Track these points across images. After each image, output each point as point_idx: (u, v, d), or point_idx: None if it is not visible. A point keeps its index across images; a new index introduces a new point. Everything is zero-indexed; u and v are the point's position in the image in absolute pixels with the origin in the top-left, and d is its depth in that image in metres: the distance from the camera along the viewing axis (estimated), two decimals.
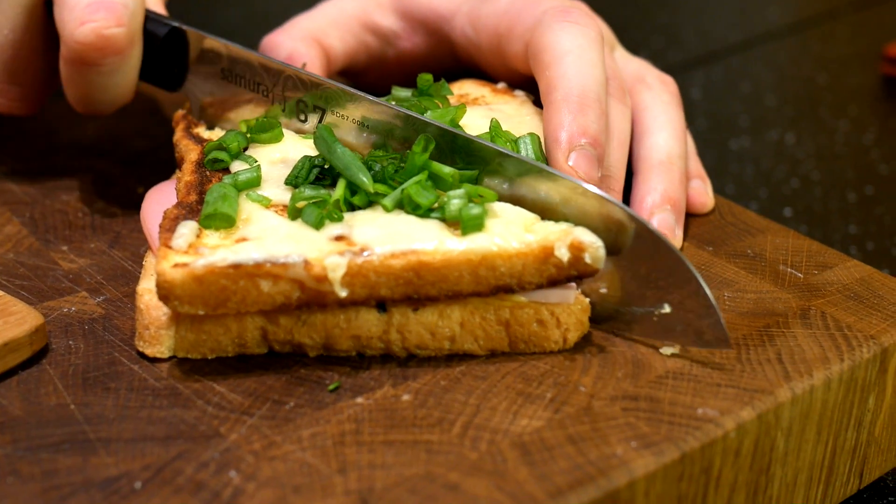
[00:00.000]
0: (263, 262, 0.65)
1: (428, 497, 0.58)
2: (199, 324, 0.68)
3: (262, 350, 0.69)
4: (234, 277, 0.65)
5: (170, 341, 0.68)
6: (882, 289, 0.77)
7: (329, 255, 0.66)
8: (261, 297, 0.66)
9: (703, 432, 0.63)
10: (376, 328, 0.68)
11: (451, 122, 0.77)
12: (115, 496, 0.58)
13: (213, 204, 0.69)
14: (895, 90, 1.53)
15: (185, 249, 0.66)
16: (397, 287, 0.67)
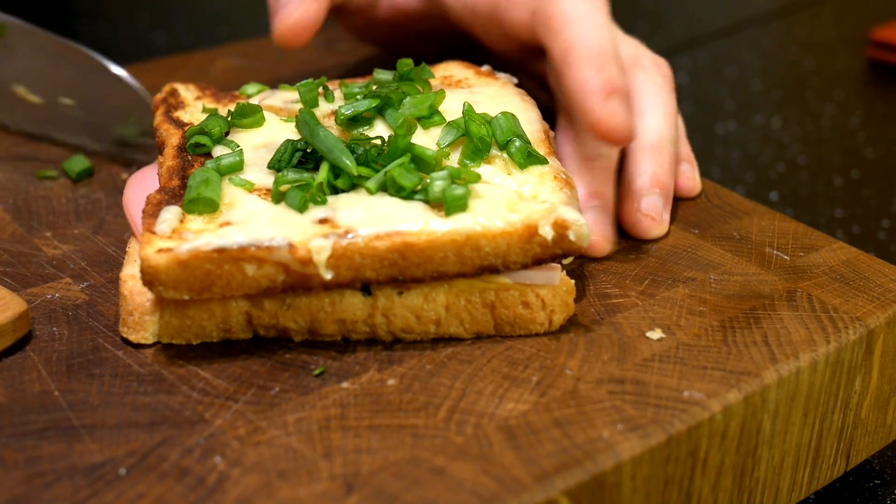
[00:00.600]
0: (248, 246, 0.65)
1: (413, 481, 0.58)
2: (183, 309, 0.67)
3: (247, 335, 0.69)
4: (218, 262, 0.64)
5: (154, 327, 0.68)
6: (868, 270, 0.77)
7: (314, 237, 0.66)
8: (246, 281, 0.65)
9: (689, 415, 0.63)
10: (361, 312, 0.68)
11: (430, 108, 0.77)
12: (100, 482, 0.58)
13: (196, 188, 0.69)
14: (881, 74, 1.53)
15: (168, 234, 0.66)
16: (382, 269, 0.66)
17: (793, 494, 0.73)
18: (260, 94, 0.83)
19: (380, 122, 0.77)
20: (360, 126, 0.77)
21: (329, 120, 0.78)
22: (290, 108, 0.80)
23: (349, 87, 0.80)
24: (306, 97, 0.79)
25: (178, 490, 0.57)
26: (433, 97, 0.77)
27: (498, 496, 0.57)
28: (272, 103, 0.81)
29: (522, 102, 0.81)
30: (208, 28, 1.68)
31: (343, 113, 0.76)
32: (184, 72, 1.08)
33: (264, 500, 0.57)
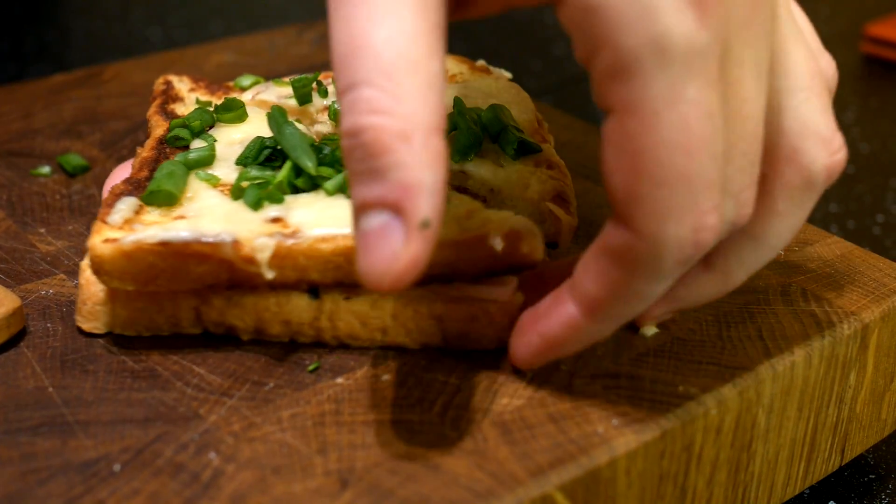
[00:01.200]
0: (192, 241, 0.64)
1: (408, 477, 0.58)
2: (133, 301, 0.67)
3: (196, 330, 0.68)
4: (162, 255, 0.64)
5: (106, 317, 0.68)
6: (862, 265, 0.77)
7: (258, 236, 0.65)
8: (190, 276, 0.65)
9: (684, 410, 0.63)
10: (307, 314, 0.67)
11: None
12: (94, 479, 0.58)
13: (158, 181, 0.69)
14: (876, 69, 1.53)
15: (120, 225, 0.66)
16: (327, 272, 0.66)
17: (788, 489, 0.73)
18: (254, 88, 0.83)
19: None
20: None
21: (322, 115, 0.78)
22: (284, 102, 0.80)
23: None
24: (300, 92, 0.79)
25: (172, 486, 0.57)
26: None
27: (493, 491, 0.57)
28: (266, 98, 0.81)
29: (516, 96, 0.81)
30: (202, 23, 1.67)
31: (336, 108, 0.76)
32: (178, 67, 1.07)
33: (259, 495, 0.57)
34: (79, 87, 1.02)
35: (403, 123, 0.52)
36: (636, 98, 0.53)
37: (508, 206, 0.73)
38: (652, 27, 0.52)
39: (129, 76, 1.05)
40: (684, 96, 0.53)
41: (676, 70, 0.52)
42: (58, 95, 1.00)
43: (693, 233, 0.55)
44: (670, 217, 0.54)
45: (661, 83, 0.52)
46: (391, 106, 0.52)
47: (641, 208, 0.54)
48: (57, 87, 1.02)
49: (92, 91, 1.02)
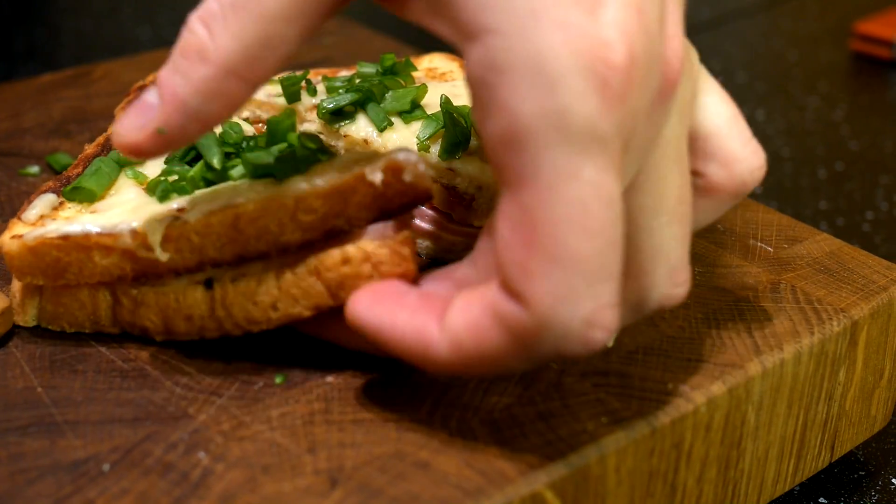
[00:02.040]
0: (92, 233, 0.65)
1: (398, 475, 0.58)
2: (56, 296, 0.68)
3: (115, 329, 0.69)
4: (65, 248, 0.65)
5: (34, 311, 0.69)
6: (852, 262, 0.77)
7: (150, 220, 0.65)
8: (97, 269, 0.66)
9: (673, 407, 0.63)
10: (204, 306, 0.66)
11: (412, 102, 0.77)
12: (83, 479, 0.58)
13: (82, 178, 0.70)
14: (865, 67, 1.53)
15: (33, 221, 0.68)
16: (224, 247, 0.65)
17: (777, 486, 0.73)
18: None
19: (362, 116, 0.77)
20: (342, 120, 0.77)
21: (311, 113, 0.78)
22: (273, 101, 0.80)
23: (331, 81, 0.80)
24: (288, 91, 0.79)
25: (161, 486, 0.57)
26: (415, 91, 0.77)
27: (482, 490, 0.57)
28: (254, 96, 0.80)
29: None
30: None
31: (325, 107, 0.76)
32: None
33: (248, 495, 0.57)
34: (68, 87, 1.02)
35: (213, 48, 0.56)
36: (531, 169, 0.51)
37: (493, 206, 0.73)
38: (553, 100, 0.50)
39: (119, 75, 1.04)
40: (582, 175, 0.51)
41: (575, 147, 0.51)
42: (47, 95, 1.00)
43: (585, 326, 0.52)
44: (566, 301, 0.52)
45: (558, 157, 0.51)
46: (217, 31, 0.56)
47: (535, 286, 0.52)
48: (46, 86, 1.02)
49: (81, 90, 1.01)
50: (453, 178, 0.74)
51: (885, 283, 0.75)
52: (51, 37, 1.59)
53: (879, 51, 1.52)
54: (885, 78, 1.50)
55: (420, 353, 0.57)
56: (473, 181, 0.74)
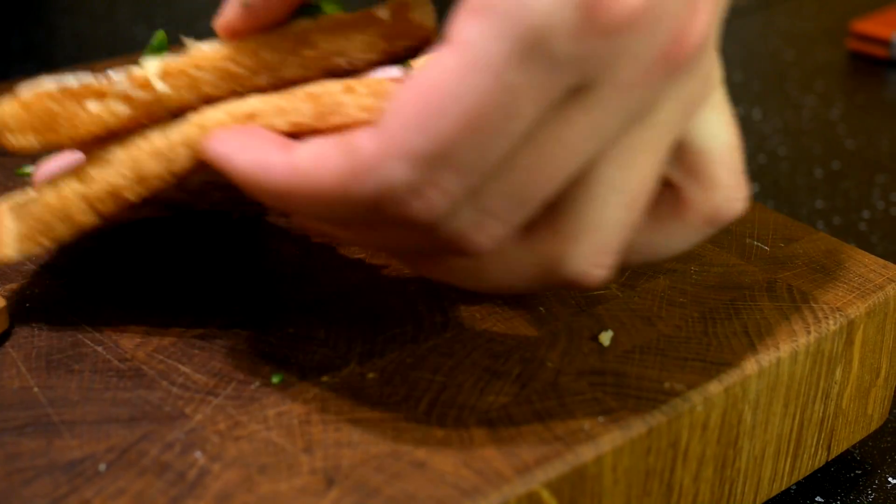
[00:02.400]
0: (86, 81, 0.64)
1: (394, 475, 0.58)
2: (26, 209, 0.66)
3: (93, 220, 0.65)
4: (59, 100, 0.64)
5: (12, 241, 0.67)
6: (848, 261, 0.77)
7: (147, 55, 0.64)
8: (90, 119, 0.64)
9: (669, 406, 0.63)
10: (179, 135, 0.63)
11: None
12: (80, 478, 0.58)
13: None
14: (862, 66, 1.53)
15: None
16: (221, 82, 0.64)
17: (774, 485, 0.73)
18: None
19: None
20: None
21: None
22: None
23: None
24: None
25: (158, 485, 0.57)
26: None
27: (479, 489, 0.57)
28: None
29: None
30: (189, 22, 1.67)
31: None
32: None
33: (245, 494, 0.57)
34: None
35: None
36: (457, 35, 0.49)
37: None
38: None
39: None
40: (509, 65, 0.48)
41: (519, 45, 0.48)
42: None
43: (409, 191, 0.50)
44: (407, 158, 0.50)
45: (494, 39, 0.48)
46: None
47: (391, 123, 0.50)
48: None
49: None
50: None
51: (882, 281, 0.75)
52: (48, 36, 1.59)
53: (876, 50, 1.52)
54: (882, 77, 1.50)
55: (256, 178, 0.55)
56: None
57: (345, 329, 0.69)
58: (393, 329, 0.69)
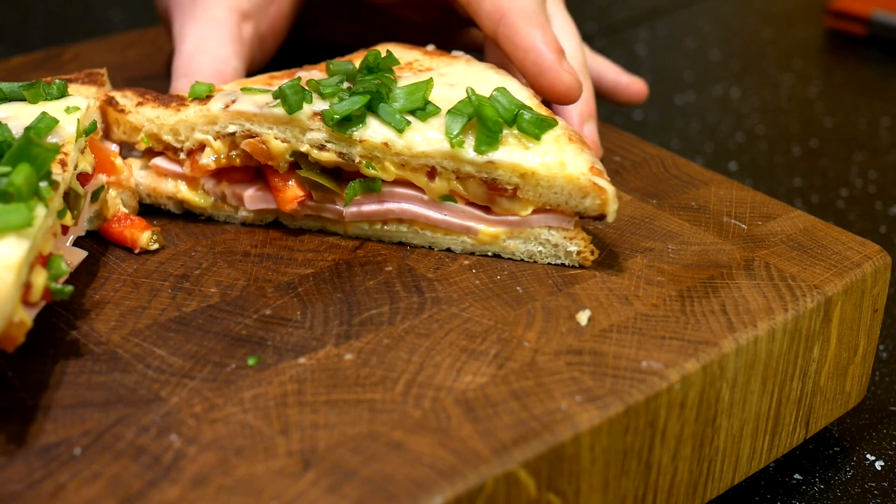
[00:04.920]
0: None
1: (371, 456, 0.58)
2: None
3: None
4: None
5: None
6: (825, 238, 0.77)
7: None
8: None
9: (647, 385, 0.63)
10: None
11: (424, 98, 0.75)
12: (55, 463, 0.57)
13: None
14: (839, 44, 1.53)
15: None
16: None
17: (753, 462, 0.73)
18: (220, 97, 0.79)
19: (372, 119, 0.74)
20: (353, 126, 0.74)
21: (315, 121, 0.75)
22: (268, 112, 0.76)
23: (322, 85, 0.76)
24: (291, 100, 0.75)
25: (133, 469, 0.57)
26: (424, 86, 0.76)
27: (456, 469, 0.57)
28: (242, 108, 0.77)
29: (498, 75, 0.80)
30: None
31: (334, 114, 0.73)
32: (139, 48, 1.06)
33: (221, 477, 0.56)
34: (38, 69, 1.01)
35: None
36: None
37: (545, 187, 0.73)
38: None
39: (90, 57, 1.04)
40: None
41: None
42: (17, 77, 0.99)
43: None
44: None
45: None
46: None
47: None
48: (16, 68, 1.01)
49: (52, 72, 1.00)
50: (493, 169, 0.73)
51: (859, 259, 0.75)
52: (22, 18, 1.57)
53: (853, 27, 1.52)
54: (859, 54, 1.50)
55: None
56: (517, 170, 0.72)
57: (321, 311, 0.69)
58: (370, 310, 0.69)
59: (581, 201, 0.72)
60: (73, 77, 0.82)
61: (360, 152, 0.74)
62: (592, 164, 0.73)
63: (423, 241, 0.76)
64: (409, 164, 0.74)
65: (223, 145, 0.77)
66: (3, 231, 0.61)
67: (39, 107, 0.74)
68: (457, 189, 0.74)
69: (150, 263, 0.74)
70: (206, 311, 0.69)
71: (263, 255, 0.75)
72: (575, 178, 0.72)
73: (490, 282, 0.72)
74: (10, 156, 0.64)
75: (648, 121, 1.30)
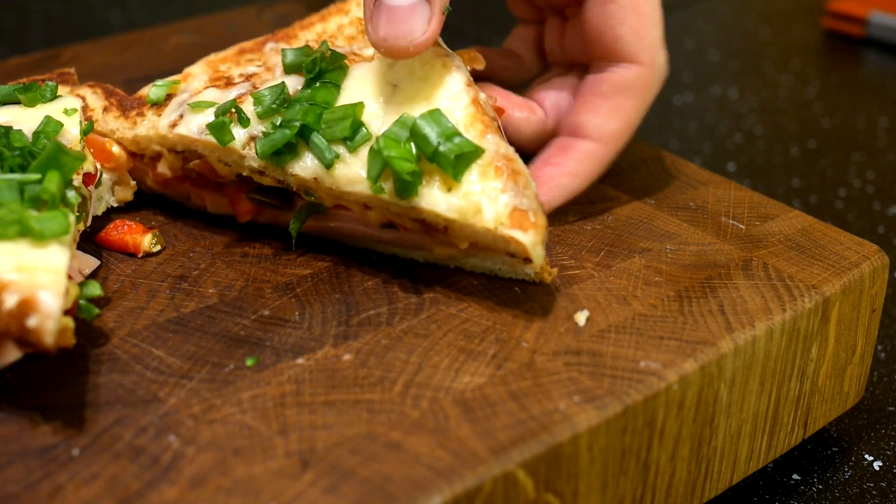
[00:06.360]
0: None
1: (369, 456, 0.58)
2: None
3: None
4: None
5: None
6: (823, 238, 0.77)
7: None
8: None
9: (645, 385, 0.63)
10: None
11: (353, 126, 0.71)
12: (53, 463, 0.57)
13: None
14: (837, 44, 1.53)
15: None
16: None
17: (751, 463, 0.73)
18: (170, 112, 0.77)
19: (305, 151, 0.72)
20: (285, 159, 0.71)
21: (251, 149, 0.73)
22: (206, 139, 0.74)
23: (261, 100, 0.73)
24: (219, 135, 0.73)
25: (132, 470, 0.57)
26: (352, 111, 0.71)
27: (454, 470, 0.57)
28: (186, 132, 0.75)
29: (444, 67, 0.73)
30: (162, 4, 1.66)
31: (262, 149, 0.71)
32: (137, 49, 1.06)
33: (219, 478, 0.56)
34: (36, 70, 1.01)
35: None
36: None
37: (467, 234, 0.69)
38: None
39: (88, 58, 1.04)
40: None
41: None
42: (14, 78, 0.99)
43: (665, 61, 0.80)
44: (662, 48, 0.79)
45: None
46: None
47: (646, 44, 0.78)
48: (14, 69, 1.01)
49: (50, 74, 1.00)
50: (418, 213, 0.70)
51: (857, 259, 0.75)
52: (19, 19, 1.57)
53: (851, 28, 1.52)
54: (858, 55, 1.50)
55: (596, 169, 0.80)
56: (440, 216, 0.69)
57: (319, 311, 0.69)
58: (368, 311, 0.69)
59: (506, 246, 0.70)
60: (46, 77, 0.83)
61: (294, 184, 0.73)
62: (515, 207, 0.67)
63: (386, 250, 0.75)
64: (342, 197, 0.72)
65: (177, 159, 0.77)
66: (46, 238, 0.61)
67: (37, 110, 0.75)
68: (395, 219, 0.72)
69: (149, 264, 0.74)
70: (205, 312, 0.69)
71: (261, 255, 0.75)
72: (490, 231, 0.68)
73: (488, 282, 0.72)
74: (39, 163, 0.65)
75: (646, 121, 1.30)
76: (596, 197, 0.81)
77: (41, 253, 0.61)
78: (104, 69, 1.01)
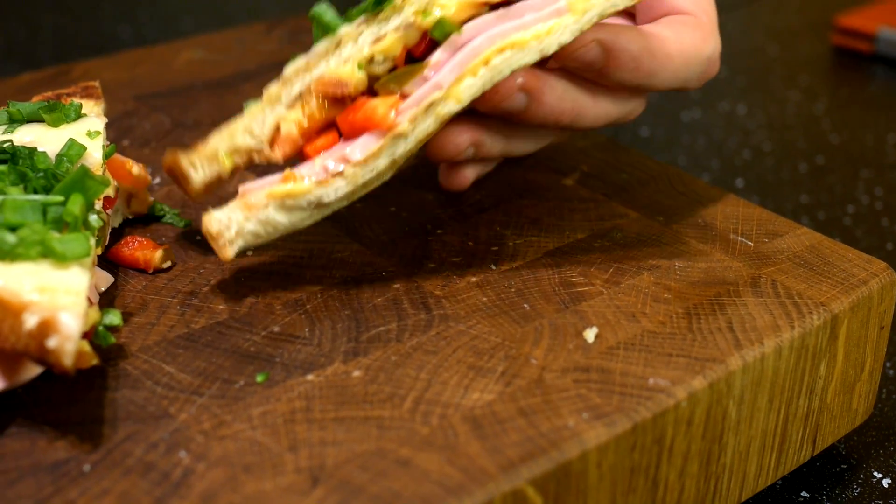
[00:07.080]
0: None
1: (379, 473, 0.58)
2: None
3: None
4: None
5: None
6: (832, 256, 0.77)
7: None
8: None
9: (654, 402, 0.63)
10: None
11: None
12: (64, 479, 0.58)
13: None
14: (845, 60, 1.53)
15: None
16: None
17: (759, 480, 0.73)
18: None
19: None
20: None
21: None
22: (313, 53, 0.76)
23: None
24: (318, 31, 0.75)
25: (142, 485, 0.57)
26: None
27: (464, 487, 0.57)
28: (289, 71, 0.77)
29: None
30: (173, 20, 1.67)
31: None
32: (147, 65, 1.07)
33: (229, 494, 0.57)
34: (47, 86, 1.01)
35: None
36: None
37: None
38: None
39: (99, 74, 1.04)
40: None
41: None
42: (26, 94, 0.99)
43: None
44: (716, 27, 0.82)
45: None
46: None
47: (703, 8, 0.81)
48: (25, 85, 1.01)
49: (60, 90, 1.01)
50: None
51: (866, 276, 0.75)
52: (30, 35, 1.58)
53: (860, 44, 1.52)
54: (866, 71, 1.50)
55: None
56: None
57: (329, 327, 0.69)
58: (377, 327, 0.69)
59: None
60: (70, 91, 0.83)
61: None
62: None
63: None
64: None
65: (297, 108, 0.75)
66: (68, 260, 0.61)
67: (60, 130, 0.75)
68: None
69: (159, 280, 0.74)
70: (215, 328, 0.69)
71: (272, 271, 0.75)
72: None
73: (497, 299, 0.72)
74: (64, 186, 0.66)
75: (654, 137, 1.30)
76: (605, 214, 0.82)
77: (62, 274, 0.61)
78: (114, 84, 1.02)
